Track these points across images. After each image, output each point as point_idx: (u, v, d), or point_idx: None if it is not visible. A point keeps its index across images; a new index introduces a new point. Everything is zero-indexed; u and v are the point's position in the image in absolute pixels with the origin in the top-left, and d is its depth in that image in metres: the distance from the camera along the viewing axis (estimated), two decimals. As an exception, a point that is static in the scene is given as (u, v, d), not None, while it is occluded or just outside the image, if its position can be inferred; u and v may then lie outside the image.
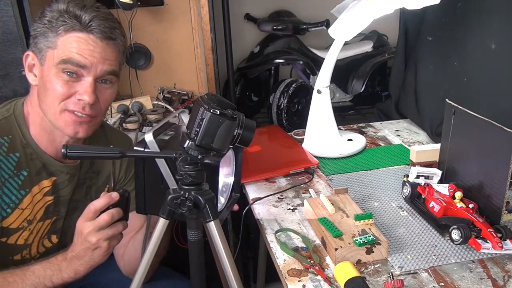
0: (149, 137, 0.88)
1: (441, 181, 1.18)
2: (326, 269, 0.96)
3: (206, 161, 0.82)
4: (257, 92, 2.26)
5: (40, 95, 1.03)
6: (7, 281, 0.98)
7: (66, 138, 1.07)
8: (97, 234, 0.96)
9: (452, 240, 1.00)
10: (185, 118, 0.99)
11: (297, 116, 2.04)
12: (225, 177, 1.07)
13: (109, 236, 0.96)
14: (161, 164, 0.90)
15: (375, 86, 2.33)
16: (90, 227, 0.96)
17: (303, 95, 2.03)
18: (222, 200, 1.04)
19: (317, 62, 2.10)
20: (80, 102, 1.01)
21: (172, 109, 1.81)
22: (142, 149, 0.90)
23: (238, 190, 1.07)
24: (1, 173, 1.03)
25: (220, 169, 1.01)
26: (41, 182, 1.08)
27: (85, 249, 0.97)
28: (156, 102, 1.86)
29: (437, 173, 1.19)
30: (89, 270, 1.01)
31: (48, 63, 1.00)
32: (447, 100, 1.17)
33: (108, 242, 0.97)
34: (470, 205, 1.05)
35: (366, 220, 1.03)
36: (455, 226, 0.99)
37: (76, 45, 0.99)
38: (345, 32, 1.36)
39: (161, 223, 0.84)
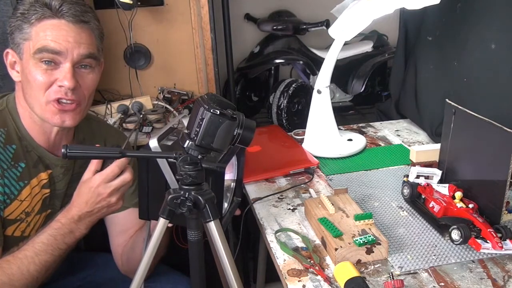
0: (153, 143, 0.88)
1: (441, 181, 1.18)
2: (326, 269, 0.96)
3: (211, 167, 0.81)
4: (257, 92, 2.26)
5: (25, 89, 1.04)
6: (17, 258, 0.97)
7: (55, 129, 1.08)
8: (107, 186, 0.97)
9: (452, 240, 1.00)
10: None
11: (297, 116, 2.04)
12: (227, 181, 1.07)
13: (119, 186, 0.98)
14: (165, 169, 0.90)
15: (375, 86, 2.33)
16: (99, 180, 0.97)
17: (303, 95, 2.03)
18: (225, 206, 1.04)
19: (317, 62, 2.10)
20: (61, 88, 1.01)
21: (172, 109, 1.81)
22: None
23: (239, 194, 1.07)
24: (1, 163, 1.03)
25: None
26: (39, 174, 1.10)
27: (96, 202, 0.98)
28: (156, 102, 1.86)
29: (437, 173, 1.19)
30: (97, 221, 1.04)
31: (26, 56, 1.01)
32: (447, 100, 1.17)
33: (119, 194, 0.99)
34: (470, 205, 1.04)
35: (366, 220, 1.03)
36: (455, 226, 0.99)
37: (49, 32, 1.00)
38: (345, 32, 1.36)
39: (161, 223, 0.84)
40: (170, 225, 0.93)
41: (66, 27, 1.01)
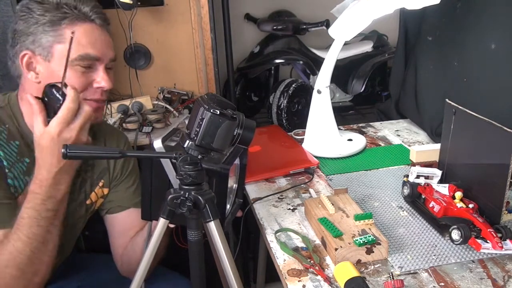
0: (157, 143, 0.88)
1: (441, 181, 1.18)
2: (326, 269, 0.96)
3: (214, 168, 0.81)
4: (257, 92, 2.26)
5: None
6: (6, 238, 0.95)
7: None
8: (70, 129, 0.89)
9: (452, 240, 1.00)
10: None
11: (297, 116, 2.04)
12: (230, 182, 1.07)
13: (83, 123, 0.91)
14: (169, 169, 0.90)
15: (375, 86, 2.34)
16: (59, 126, 0.88)
17: (303, 95, 2.03)
18: (227, 207, 1.04)
19: (317, 62, 2.10)
20: (98, 90, 1.05)
21: (172, 109, 1.81)
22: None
23: (241, 195, 1.08)
24: (7, 157, 1.03)
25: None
26: None
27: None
28: (156, 102, 1.85)
29: (437, 173, 1.19)
30: (75, 171, 0.98)
31: (58, 59, 1.01)
32: (447, 100, 1.17)
33: (87, 131, 0.92)
34: (470, 205, 1.05)
35: (366, 220, 1.03)
36: (455, 226, 0.99)
37: (86, 38, 1.02)
38: (345, 32, 1.36)
39: (161, 223, 0.84)
40: (171, 225, 0.93)
41: (99, 31, 1.04)
